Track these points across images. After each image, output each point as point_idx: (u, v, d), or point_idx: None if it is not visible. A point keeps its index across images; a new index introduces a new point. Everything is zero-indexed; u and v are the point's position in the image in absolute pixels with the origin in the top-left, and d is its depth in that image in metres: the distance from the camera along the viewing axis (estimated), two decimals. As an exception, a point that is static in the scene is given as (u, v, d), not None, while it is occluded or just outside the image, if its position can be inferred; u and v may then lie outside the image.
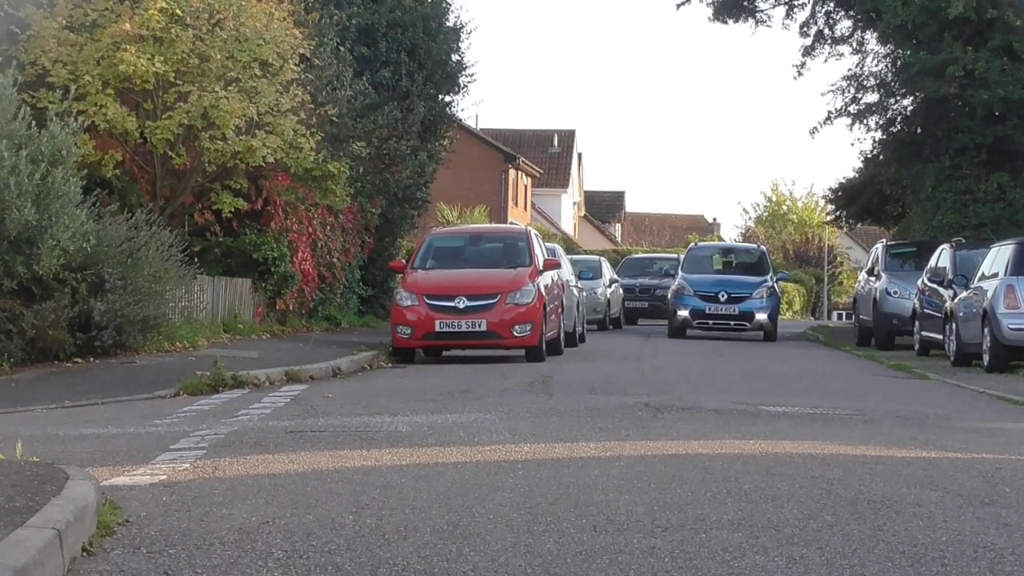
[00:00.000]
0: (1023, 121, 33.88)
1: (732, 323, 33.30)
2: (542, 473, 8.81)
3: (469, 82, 38.85)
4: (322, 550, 6.35)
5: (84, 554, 6.17)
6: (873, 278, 31.47)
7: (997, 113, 34.11)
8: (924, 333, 26.52)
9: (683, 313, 33.10)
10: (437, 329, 21.77)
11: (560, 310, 24.59)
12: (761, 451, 10.17)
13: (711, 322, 33.27)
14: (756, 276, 34.48)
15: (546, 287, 22.96)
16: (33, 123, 17.91)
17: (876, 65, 38.30)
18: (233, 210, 25.41)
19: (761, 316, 33.06)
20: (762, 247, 38.58)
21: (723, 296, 33.09)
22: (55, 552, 5.68)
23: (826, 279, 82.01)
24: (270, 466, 9.09)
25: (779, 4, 39.89)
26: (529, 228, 27.46)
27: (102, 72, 22.77)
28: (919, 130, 36.82)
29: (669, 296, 35.12)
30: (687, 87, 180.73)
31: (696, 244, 39.23)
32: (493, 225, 43.25)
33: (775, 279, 35.24)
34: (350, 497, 7.81)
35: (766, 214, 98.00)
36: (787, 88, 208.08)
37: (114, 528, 6.73)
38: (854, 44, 38.89)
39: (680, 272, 34.89)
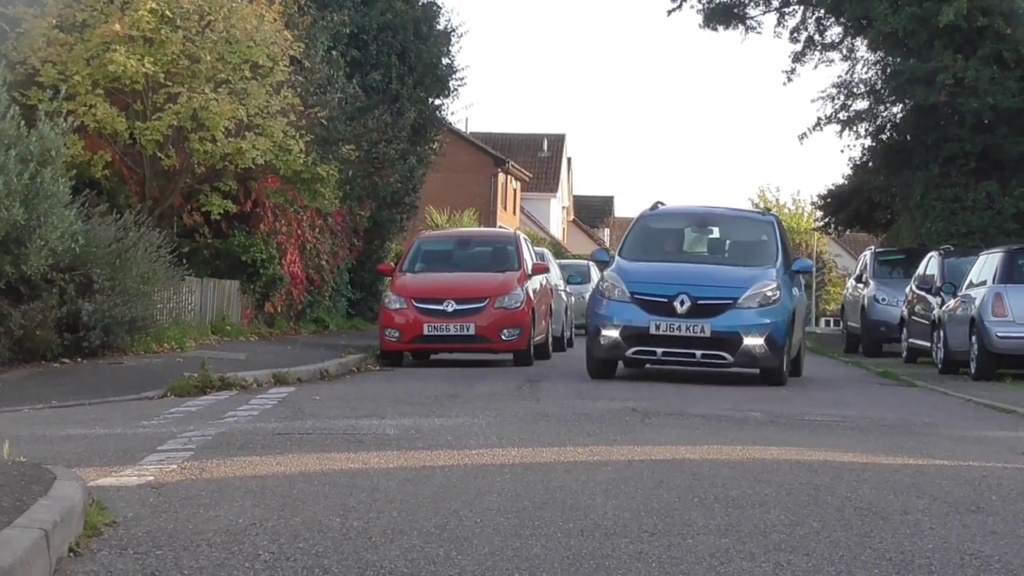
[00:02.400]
0: (1012, 130, 33.95)
1: (699, 353, 18.34)
2: (529, 477, 8.81)
3: (459, 86, 38.93)
4: (309, 552, 6.34)
5: (71, 555, 6.15)
6: (861, 285, 31.53)
7: (987, 121, 34.19)
8: (912, 340, 26.56)
9: (610, 334, 18.40)
10: (425, 332, 21.76)
11: (548, 314, 24.60)
12: (748, 457, 10.18)
13: (659, 350, 18.41)
14: (752, 266, 19.31)
15: (535, 291, 22.97)
16: (22, 122, 17.89)
17: (866, 72, 38.42)
18: (222, 212, 25.38)
19: (753, 341, 18.25)
20: (773, 215, 21.91)
21: (683, 302, 18.16)
22: (42, 552, 5.67)
23: (814, 285, 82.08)
24: (257, 468, 9.08)
25: (769, 11, 39.96)
26: (518, 232, 27.51)
27: (92, 72, 22.76)
28: (908, 138, 36.90)
29: (588, 301, 20.98)
30: (676, 93, 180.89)
31: (653, 209, 20.90)
32: (482, 229, 43.27)
33: (792, 270, 20.03)
34: (337, 500, 7.81)
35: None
36: (776, 95, 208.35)
37: (101, 529, 6.72)
38: (844, 51, 38.98)
39: (616, 257, 19.85)
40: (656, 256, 19.44)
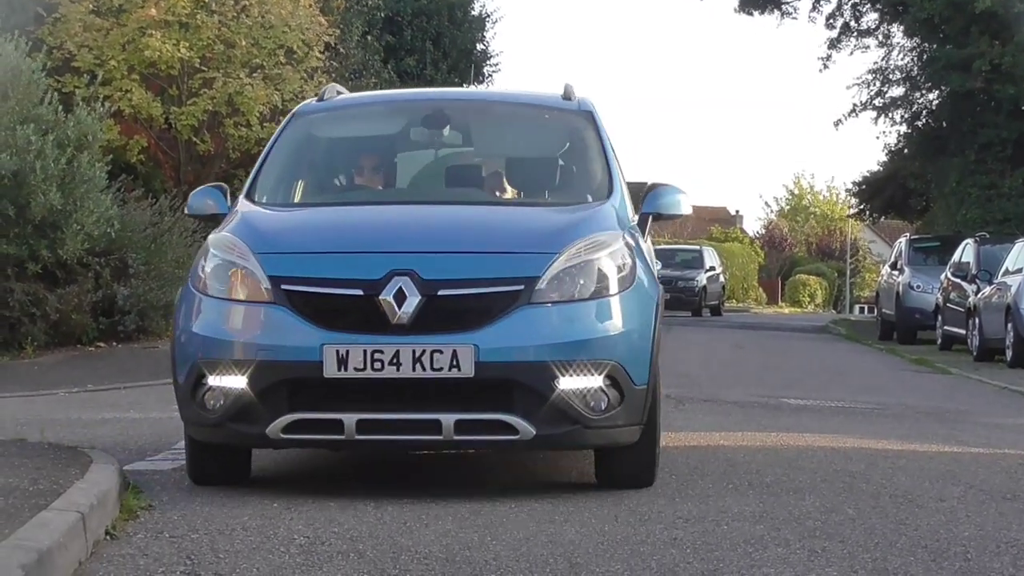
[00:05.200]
0: (1049, 116, 33.79)
1: (450, 420, 7.13)
2: (564, 462, 8.81)
3: (494, 72, 38.94)
4: (344, 537, 6.36)
5: (107, 537, 6.19)
6: (896, 272, 31.38)
7: (1023, 108, 34.00)
8: (947, 328, 26.43)
9: (226, 383, 7.23)
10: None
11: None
12: (783, 444, 10.16)
13: (350, 420, 7.11)
14: (560, 204, 8.48)
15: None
16: (60, 107, 18.00)
17: (902, 58, 38.24)
18: (257, 197, 25.48)
19: (580, 382, 7.18)
20: (588, 103, 9.17)
21: (401, 295, 7.11)
22: (79, 535, 5.70)
23: (848, 273, 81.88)
24: (292, 451, 9.10)
25: (805, -4, 39.84)
26: None
27: (128, 57, 22.87)
28: (944, 124, 36.72)
29: (178, 301, 7.94)
30: (711, 80, 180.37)
31: (322, 98, 9.28)
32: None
33: (645, 211, 8.86)
34: (372, 484, 7.82)
35: (788, 207, 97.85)
36: (812, 81, 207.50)
37: (137, 512, 6.76)
38: (880, 37, 38.81)
39: (240, 202, 8.44)
40: (329, 196, 8.84)
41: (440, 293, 7.15)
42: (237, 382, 7.19)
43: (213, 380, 7.26)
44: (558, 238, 7.54)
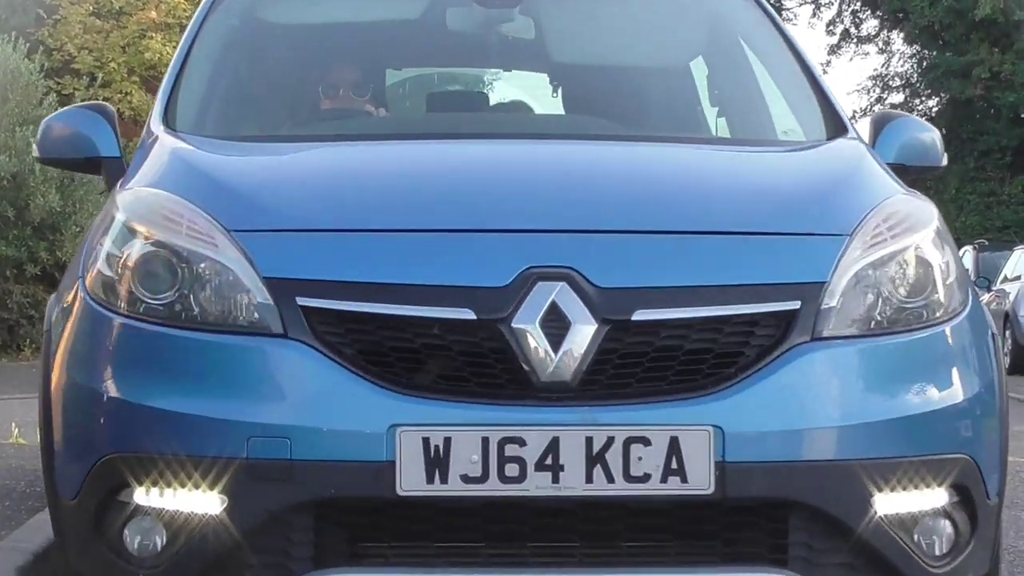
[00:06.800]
0: (1049, 124, 33.86)
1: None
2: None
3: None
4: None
5: (103, 540, 6.16)
6: (896, 279, 31.41)
7: (1023, 116, 34.06)
8: (945, 335, 26.44)
9: (163, 506, 3.29)
10: None
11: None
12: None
13: None
14: (767, 143, 4.55)
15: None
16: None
17: (902, 65, 38.34)
18: (256, 199, 25.51)
19: (919, 499, 3.35)
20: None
21: (543, 319, 3.19)
22: (75, 537, 5.68)
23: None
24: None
25: (805, 3, 39.92)
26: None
27: (127, 59, 22.89)
28: (944, 131, 36.69)
29: (49, 324, 3.74)
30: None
31: None
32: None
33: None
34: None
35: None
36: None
37: (134, 514, 6.72)
38: (880, 44, 38.93)
39: (160, 134, 4.23)
40: (334, 124, 4.65)
41: (636, 318, 3.29)
42: (200, 503, 3.28)
43: (143, 497, 3.33)
44: (838, 206, 3.65)
